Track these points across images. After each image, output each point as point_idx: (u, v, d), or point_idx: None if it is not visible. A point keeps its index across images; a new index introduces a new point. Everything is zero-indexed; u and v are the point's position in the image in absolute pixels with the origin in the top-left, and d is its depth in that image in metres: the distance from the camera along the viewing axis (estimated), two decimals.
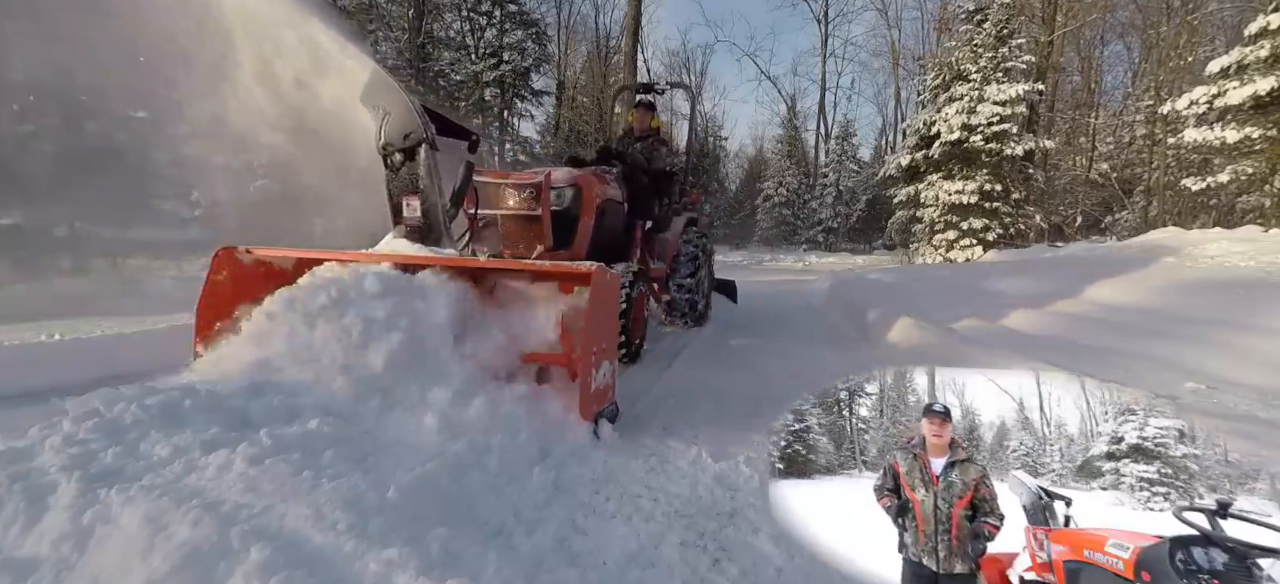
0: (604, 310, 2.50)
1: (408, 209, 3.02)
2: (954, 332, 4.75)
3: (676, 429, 2.61)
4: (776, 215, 30.08)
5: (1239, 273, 6.62)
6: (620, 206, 4.52)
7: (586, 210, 3.94)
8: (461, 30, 19.36)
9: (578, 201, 3.91)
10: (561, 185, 3.87)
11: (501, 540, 1.60)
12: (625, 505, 1.88)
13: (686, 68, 35.10)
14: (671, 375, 3.69)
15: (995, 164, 15.77)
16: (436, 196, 2.99)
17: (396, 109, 2.95)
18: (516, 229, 3.82)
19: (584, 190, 3.95)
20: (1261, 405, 2.96)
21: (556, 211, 3.79)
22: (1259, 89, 10.05)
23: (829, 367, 3.91)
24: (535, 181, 3.74)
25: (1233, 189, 11.91)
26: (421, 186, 2.98)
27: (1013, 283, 7.93)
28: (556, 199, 3.81)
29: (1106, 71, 24.92)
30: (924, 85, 20.13)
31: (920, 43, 30.72)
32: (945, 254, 15.99)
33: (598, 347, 2.41)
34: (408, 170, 3.01)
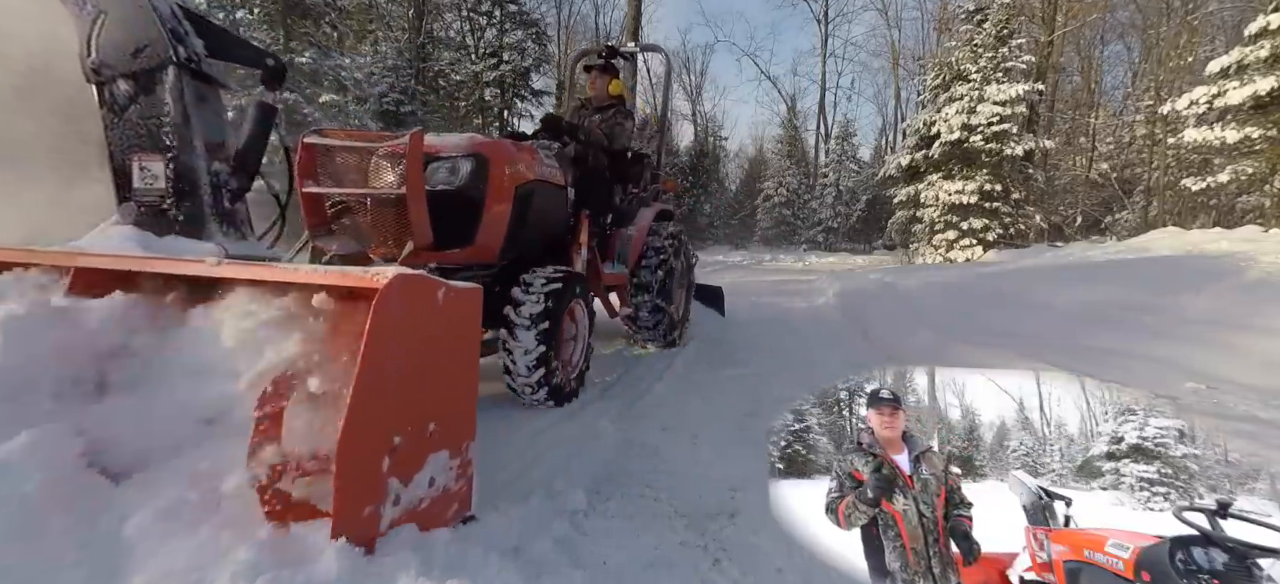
0: (416, 355, 1.39)
1: (141, 175, 1.94)
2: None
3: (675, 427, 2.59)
4: (776, 215, 30.05)
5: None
6: (560, 192, 3.37)
7: (496, 193, 2.76)
8: (461, 30, 19.35)
9: (480, 181, 2.68)
10: (452, 155, 2.67)
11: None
12: (626, 506, 1.88)
13: (686, 68, 35.12)
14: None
15: (995, 164, 15.77)
16: (197, 157, 1.97)
17: (120, 6, 1.89)
18: (381, 219, 2.48)
19: (491, 164, 2.71)
20: (1261, 405, 2.96)
21: (443, 193, 2.59)
22: (1259, 89, 10.05)
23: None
24: (395, 148, 2.35)
25: (1233, 189, 11.91)
26: (168, 140, 1.91)
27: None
28: (442, 175, 2.64)
29: (1106, 71, 24.96)
30: (924, 85, 20.14)
31: (920, 43, 30.75)
32: (945, 254, 15.99)
33: (401, 426, 1.35)
34: (142, 110, 1.93)
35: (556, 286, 2.75)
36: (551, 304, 2.69)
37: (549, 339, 2.65)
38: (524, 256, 3.06)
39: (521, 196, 2.92)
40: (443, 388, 1.51)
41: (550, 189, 3.23)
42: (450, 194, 2.63)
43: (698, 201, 29.00)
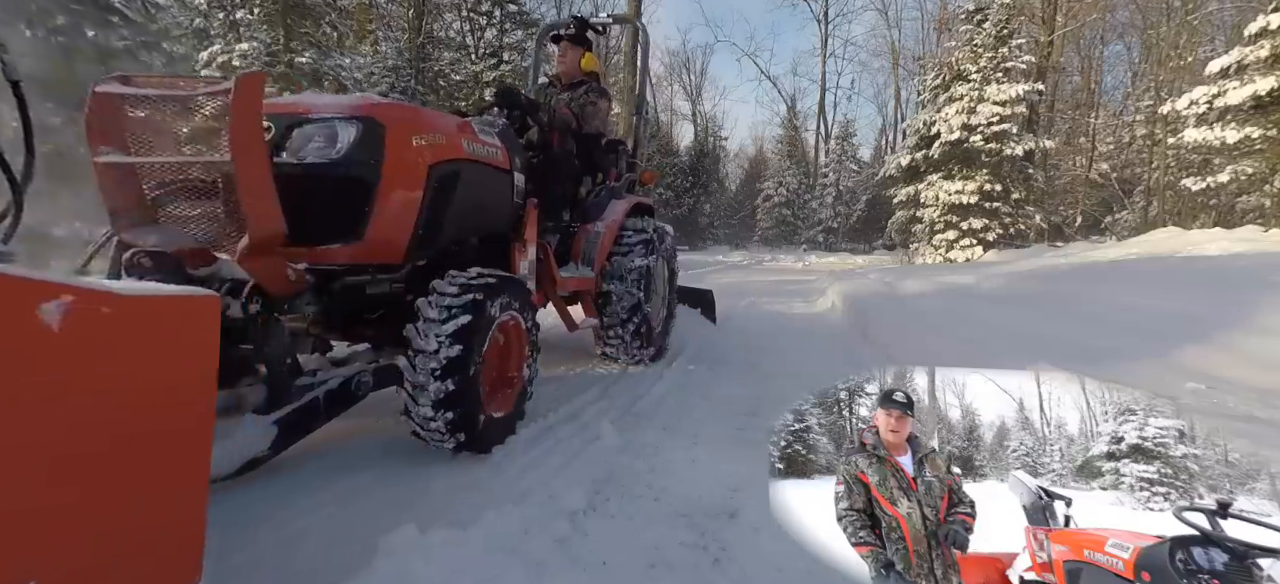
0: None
1: None
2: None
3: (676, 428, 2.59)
4: (776, 215, 30.09)
5: None
6: (502, 177, 2.72)
7: (397, 172, 2.06)
8: (461, 30, 19.34)
9: (370, 154, 1.98)
10: (328, 116, 1.98)
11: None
12: (627, 505, 1.88)
13: (686, 67, 35.16)
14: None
15: (995, 164, 15.78)
16: None
17: None
18: (212, 200, 1.79)
19: (388, 133, 2.01)
20: (1261, 405, 2.96)
21: (316, 169, 1.94)
22: (1259, 89, 10.06)
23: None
24: (215, 94, 1.64)
25: (1233, 189, 11.91)
26: None
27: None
28: (316, 145, 1.96)
29: (1106, 71, 24.99)
30: (924, 85, 20.15)
31: (920, 43, 30.80)
32: (945, 254, 16.00)
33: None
34: None
35: (478, 295, 2.09)
36: (470, 318, 2.03)
37: (463, 366, 2.00)
38: (450, 257, 2.39)
39: (441, 179, 2.23)
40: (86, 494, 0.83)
41: (487, 172, 2.57)
42: (326, 170, 1.95)
43: (698, 201, 29.00)
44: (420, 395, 2.00)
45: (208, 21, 12.15)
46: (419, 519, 1.60)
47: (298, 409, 1.89)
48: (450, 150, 2.31)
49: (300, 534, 1.64)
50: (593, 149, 3.71)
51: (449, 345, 1.99)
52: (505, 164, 2.73)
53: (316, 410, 1.95)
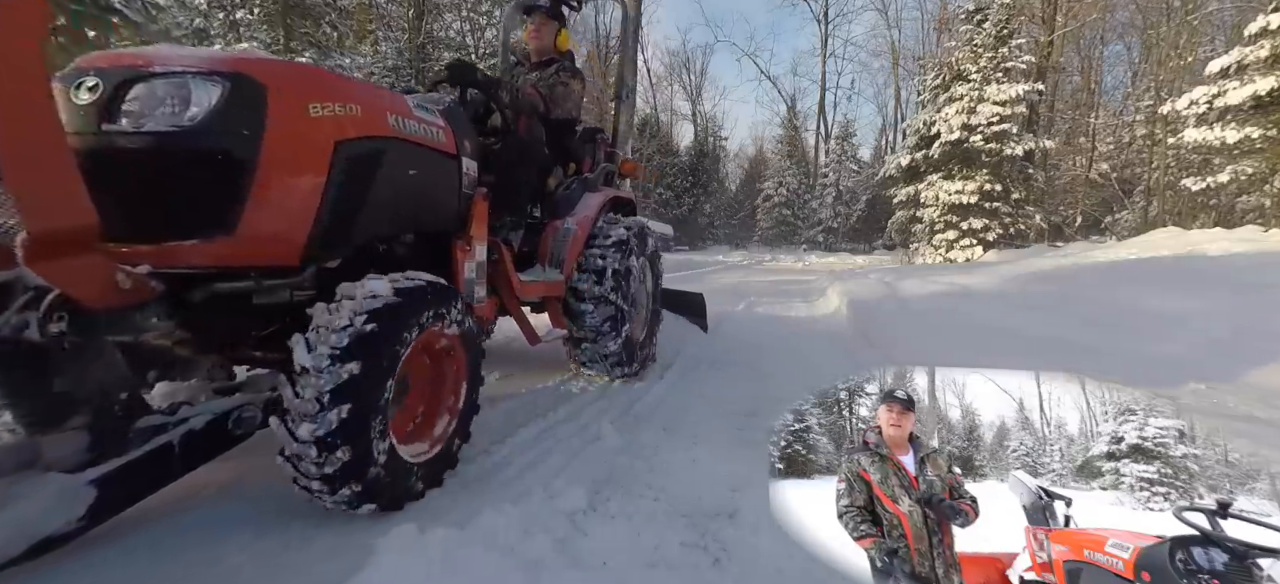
0: None
1: None
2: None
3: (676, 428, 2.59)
4: (776, 215, 30.11)
5: None
6: (446, 162, 2.27)
7: (287, 151, 1.62)
8: (461, 30, 19.36)
9: (242, 122, 1.53)
10: (180, 70, 1.52)
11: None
12: (626, 506, 1.88)
13: (686, 67, 35.19)
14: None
15: (995, 164, 15.79)
16: None
17: None
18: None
19: (270, 96, 1.57)
20: (1261, 405, 2.96)
21: (151, 141, 1.46)
22: (1259, 89, 10.07)
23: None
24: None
25: (1233, 189, 11.92)
26: None
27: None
28: (161, 110, 1.48)
29: (1106, 71, 24.99)
30: (924, 85, 20.16)
31: (920, 43, 30.83)
32: (945, 254, 16.01)
33: None
34: None
35: (391, 303, 1.64)
36: (376, 326, 1.58)
37: (363, 392, 1.54)
38: (376, 259, 2.03)
39: (353, 160, 1.76)
40: None
41: (423, 155, 2.10)
42: (176, 142, 1.47)
43: (698, 201, 29.00)
44: (300, 428, 1.50)
45: (208, 21, 12.17)
46: (419, 519, 1.60)
47: (135, 461, 1.45)
48: (368, 125, 1.83)
49: (300, 534, 1.64)
50: (564, 136, 3.27)
51: (344, 361, 1.51)
52: (448, 148, 2.26)
53: (168, 459, 1.52)
